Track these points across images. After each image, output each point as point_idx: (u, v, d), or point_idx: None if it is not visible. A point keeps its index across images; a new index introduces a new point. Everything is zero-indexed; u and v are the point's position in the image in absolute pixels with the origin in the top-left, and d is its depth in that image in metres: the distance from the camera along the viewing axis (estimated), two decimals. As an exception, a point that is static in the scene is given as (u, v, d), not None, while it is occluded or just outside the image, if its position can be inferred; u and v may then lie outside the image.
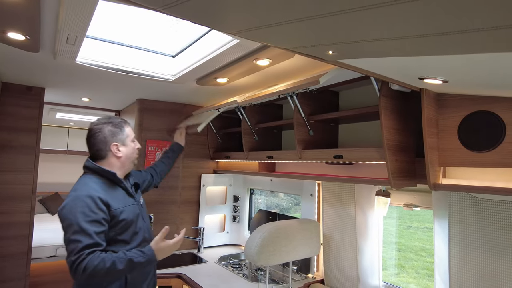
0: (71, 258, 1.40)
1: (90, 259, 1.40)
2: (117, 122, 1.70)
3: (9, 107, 2.57)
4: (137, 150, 1.76)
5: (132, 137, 1.74)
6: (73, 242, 1.41)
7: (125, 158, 1.69)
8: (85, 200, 1.49)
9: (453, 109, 1.48)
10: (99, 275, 1.40)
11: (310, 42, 0.85)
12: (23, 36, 1.48)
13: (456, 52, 0.77)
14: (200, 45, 1.78)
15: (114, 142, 1.65)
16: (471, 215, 1.55)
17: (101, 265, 1.40)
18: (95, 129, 1.65)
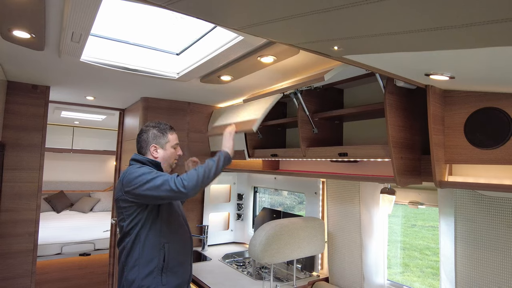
0: (168, 184, 1.60)
1: (182, 176, 1.63)
2: (163, 128, 1.91)
3: (15, 105, 2.59)
4: (176, 155, 1.94)
5: (174, 144, 1.92)
6: (156, 178, 1.63)
7: (161, 160, 1.88)
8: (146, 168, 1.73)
9: (459, 105, 1.46)
10: (195, 179, 1.61)
11: (315, 37, 0.84)
12: (28, 34, 1.49)
13: (464, 46, 0.76)
14: (204, 43, 1.78)
15: (153, 143, 1.87)
16: (478, 212, 1.53)
17: (191, 172, 1.64)
18: (143, 130, 1.90)
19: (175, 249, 1.81)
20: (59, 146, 5.76)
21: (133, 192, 1.67)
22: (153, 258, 1.74)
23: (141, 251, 1.73)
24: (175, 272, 1.80)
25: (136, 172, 1.69)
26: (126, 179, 1.72)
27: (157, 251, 1.75)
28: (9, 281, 2.51)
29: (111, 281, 3.60)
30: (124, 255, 1.77)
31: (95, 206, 6.40)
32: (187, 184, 1.60)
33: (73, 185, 6.61)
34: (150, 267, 1.72)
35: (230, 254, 2.90)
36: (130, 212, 1.73)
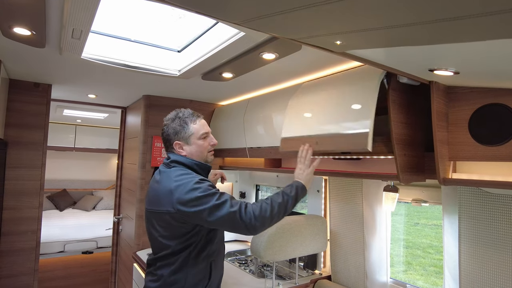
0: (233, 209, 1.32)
1: (250, 206, 1.35)
2: (182, 118, 1.58)
3: (17, 103, 2.59)
4: (209, 147, 1.61)
5: (200, 134, 1.57)
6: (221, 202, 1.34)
7: (192, 155, 1.57)
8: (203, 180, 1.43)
9: (463, 102, 1.45)
10: (269, 215, 1.34)
11: (317, 31, 0.83)
12: (29, 31, 1.49)
13: (468, 39, 0.74)
14: (206, 40, 1.77)
15: (176, 141, 1.56)
16: (482, 210, 1.52)
17: (263, 206, 1.34)
18: (163, 126, 1.61)
19: (219, 265, 1.63)
20: (62, 144, 5.77)
21: (190, 215, 1.36)
22: (200, 280, 1.52)
23: (188, 272, 1.49)
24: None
25: (193, 187, 1.37)
26: (180, 193, 1.38)
27: (203, 271, 1.52)
28: (12, 278, 2.52)
29: (113, 279, 3.61)
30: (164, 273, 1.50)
31: (98, 204, 6.41)
32: (258, 219, 1.30)
33: (76, 183, 6.63)
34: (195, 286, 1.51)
35: (233, 252, 2.89)
36: (184, 232, 1.45)
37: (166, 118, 1.63)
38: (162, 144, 2.90)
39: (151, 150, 2.90)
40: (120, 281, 3.44)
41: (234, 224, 1.33)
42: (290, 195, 1.42)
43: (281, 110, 2.21)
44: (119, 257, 3.53)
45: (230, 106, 3.05)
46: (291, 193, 1.43)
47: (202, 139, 1.59)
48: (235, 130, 2.76)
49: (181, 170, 1.49)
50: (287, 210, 1.41)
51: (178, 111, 1.62)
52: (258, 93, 2.60)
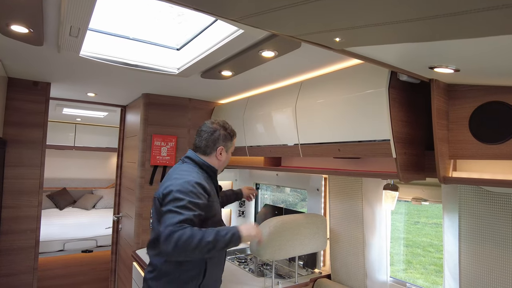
0: (169, 227, 1.41)
1: (184, 231, 1.41)
2: (231, 131, 1.83)
3: (16, 102, 2.58)
4: (228, 161, 1.86)
5: (233, 149, 1.87)
6: (175, 213, 1.45)
7: (222, 163, 1.81)
8: (195, 185, 1.57)
9: (464, 100, 1.44)
10: (189, 247, 1.39)
11: (315, 28, 0.82)
12: (26, 29, 1.48)
13: (470, 36, 0.73)
14: (205, 37, 1.76)
15: (222, 145, 1.77)
16: (482, 209, 1.51)
17: (194, 235, 1.41)
18: (213, 127, 1.77)
19: (216, 266, 1.71)
20: (62, 143, 5.77)
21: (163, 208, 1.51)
22: (194, 276, 1.60)
23: (180, 265, 1.59)
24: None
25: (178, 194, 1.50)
26: (169, 184, 1.55)
27: (198, 267, 1.61)
28: (11, 277, 2.52)
29: (113, 278, 3.61)
30: (158, 263, 1.63)
31: (98, 203, 6.41)
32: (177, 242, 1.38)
33: (76, 182, 6.63)
34: (188, 283, 1.59)
35: (232, 251, 2.88)
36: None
37: (216, 121, 1.80)
38: (161, 142, 2.90)
39: (150, 148, 2.89)
40: (119, 279, 3.44)
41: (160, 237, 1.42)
42: (223, 238, 1.48)
43: (281, 109, 2.20)
44: (119, 256, 3.52)
45: (229, 105, 3.04)
46: (225, 237, 1.49)
47: (231, 153, 1.87)
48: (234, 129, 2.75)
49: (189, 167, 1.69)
50: (209, 249, 1.44)
51: (225, 122, 1.84)
52: (258, 91, 2.59)
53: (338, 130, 1.78)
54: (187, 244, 1.39)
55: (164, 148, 2.93)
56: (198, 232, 1.43)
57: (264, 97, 2.48)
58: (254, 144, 2.56)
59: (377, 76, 1.56)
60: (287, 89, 2.22)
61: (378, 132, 1.57)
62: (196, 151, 1.78)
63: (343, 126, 1.75)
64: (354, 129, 1.69)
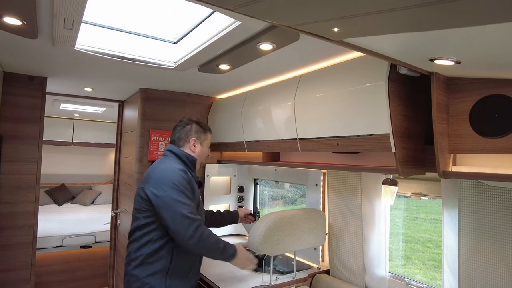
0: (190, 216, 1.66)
1: (205, 228, 1.71)
2: (203, 125, 2.00)
3: (11, 97, 2.55)
4: (206, 154, 2.01)
5: (209, 143, 2.02)
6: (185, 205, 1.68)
7: (197, 156, 1.94)
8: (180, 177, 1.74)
9: (464, 93, 1.42)
10: (207, 245, 1.70)
11: (313, 17, 0.80)
12: (19, 21, 1.45)
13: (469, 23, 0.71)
14: (202, 30, 1.73)
15: (194, 137, 1.93)
16: (482, 203, 1.49)
17: (212, 236, 1.72)
18: (185, 122, 1.96)
19: (184, 254, 1.79)
20: (60, 139, 5.74)
21: (156, 203, 1.68)
22: (161, 259, 1.73)
23: (151, 249, 1.72)
24: (181, 277, 1.78)
25: (172, 183, 1.69)
26: (156, 178, 1.73)
27: (165, 253, 1.73)
28: (9, 273, 2.50)
29: (112, 273, 3.60)
30: (133, 248, 1.77)
31: (96, 199, 6.40)
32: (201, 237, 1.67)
33: (74, 178, 6.61)
34: (156, 267, 1.71)
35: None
36: (149, 207, 1.73)
37: (189, 118, 1.98)
38: (159, 137, 2.89)
39: (148, 143, 2.87)
40: (118, 275, 3.44)
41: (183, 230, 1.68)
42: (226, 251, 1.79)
43: (279, 103, 2.18)
44: (117, 252, 3.52)
45: (227, 100, 3.02)
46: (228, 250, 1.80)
47: (208, 147, 2.02)
48: (233, 124, 2.74)
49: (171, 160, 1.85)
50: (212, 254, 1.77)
51: (199, 119, 2.01)
52: (256, 86, 2.57)
53: (337, 124, 1.76)
54: (207, 241, 1.69)
55: (162, 143, 2.92)
56: (214, 235, 1.73)
57: (262, 92, 2.45)
58: (253, 139, 2.54)
59: (376, 69, 1.54)
60: (286, 83, 2.20)
61: (377, 126, 1.55)
62: (172, 144, 1.95)
63: (342, 120, 1.73)
64: (353, 123, 1.68)
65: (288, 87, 2.13)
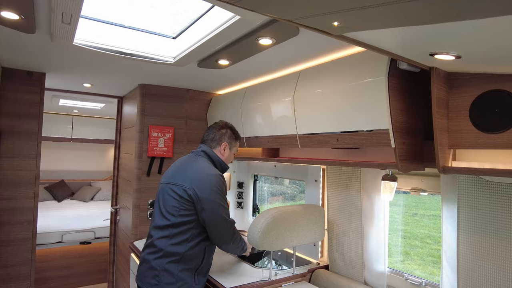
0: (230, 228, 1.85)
1: (237, 230, 1.93)
2: (236, 133, 2.06)
3: (10, 92, 2.54)
4: (231, 159, 2.06)
5: (236, 150, 2.07)
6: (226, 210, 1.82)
7: (224, 159, 1.96)
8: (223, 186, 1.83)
9: (464, 88, 1.41)
10: (238, 245, 1.95)
11: (314, 10, 0.79)
12: (17, 16, 1.44)
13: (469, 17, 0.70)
14: (201, 25, 1.72)
15: (226, 142, 1.98)
16: (482, 199, 1.49)
17: (240, 236, 1.96)
18: (221, 125, 2.02)
19: (211, 252, 1.90)
20: (59, 135, 5.73)
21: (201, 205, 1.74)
22: (196, 257, 1.80)
23: (187, 248, 1.77)
24: (205, 273, 1.88)
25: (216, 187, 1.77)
26: (200, 180, 1.77)
27: (199, 251, 1.80)
28: (9, 268, 2.51)
29: (112, 269, 3.61)
30: (166, 244, 1.78)
31: (96, 195, 6.40)
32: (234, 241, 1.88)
33: (74, 174, 6.61)
34: (190, 265, 1.78)
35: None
36: (189, 207, 1.76)
37: (225, 122, 2.06)
38: (158, 133, 2.88)
39: (147, 139, 2.86)
40: (118, 271, 3.45)
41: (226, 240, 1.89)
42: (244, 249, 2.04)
43: (279, 99, 2.17)
44: (117, 248, 3.52)
45: (227, 95, 3.01)
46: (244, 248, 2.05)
47: (234, 154, 2.08)
48: (232, 120, 2.72)
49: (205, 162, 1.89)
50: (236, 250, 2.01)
51: (234, 127, 2.09)
52: (256, 81, 2.56)
53: (337, 119, 1.76)
54: (239, 242, 1.94)
55: (161, 139, 2.91)
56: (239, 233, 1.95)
57: (262, 87, 2.45)
58: (252, 135, 2.54)
59: (376, 64, 1.53)
60: (285, 79, 2.19)
61: (377, 122, 1.55)
62: (204, 143, 1.99)
63: (341, 115, 1.73)
64: (353, 118, 1.67)
65: (287, 82, 2.12)
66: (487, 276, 1.46)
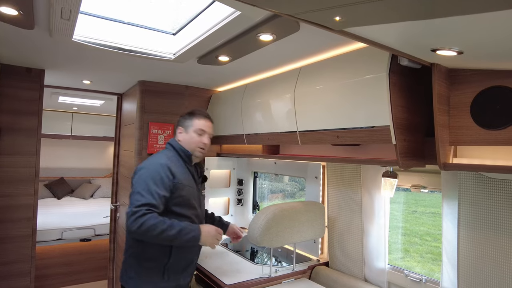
0: (131, 208, 1.59)
1: (149, 217, 1.58)
2: (193, 113, 1.92)
3: (9, 89, 2.53)
4: (201, 144, 1.87)
5: (197, 129, 1.87)
6: (138, 195, 1.63)
7: (183, 143, 1.87)
8: (157, 167, 1.73)
9: (466, 85, 1.41)
10: (151, 234, 1.57)
11: (315, 5, 0.78)
12: (15, 11, 1.42)
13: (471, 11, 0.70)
14: (201, 21, 1.71)
15: (179, 125, 1.92)
16: (482, 195, 1.49)
17: (158, 225, 1.58)
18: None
19: (182, 252, 1.79)
20: (58, 132, 5.72)
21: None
22: (157, 255, 1.73)
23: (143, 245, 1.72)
24: (179, 271, 1.81)
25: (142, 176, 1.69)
26: (136, 175, 1.74)
27: (159, 246, 1.72)
28: (9, 265, 2.51)
29: (111, 266, 3.61)
30: (127, 237, 1.80)
31: (96, 193, 6.40)
32: (140, 228, 1.55)
33: (73, 171, 6.61)
34: (153, 261, 1.73)
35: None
36: None
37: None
38: (158, 130, 2.88)
39: (147, 136, 2.86)
40: (118, 268, 3.45)
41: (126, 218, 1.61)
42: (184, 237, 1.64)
43: (279, 96, 2.17)
44: (117, 245, 3.52)
45: (227, 92, 3.00)
46: (188, 235, 1.66)
47: (197, 133, 1.87)
48: (232, 117, 2.72)
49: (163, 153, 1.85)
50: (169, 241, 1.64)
51: (198, 108, 1.98)
52: (256, 78, 2.55)
53: (337, 116, 1.75)
54: (149, 231, 1.56)
55: (161, 136, 2.90)
56: (162, 224, 1.58)
57: (262, 84, 2.44)
58: (252, 132, 2.53)
59: (377, 61, 1.52)
60: (286, 75, 2.18)
61: (377, 118, 1.54)
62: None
63: (342, 112, 1.72)
64: (354, 115, 1.67)
65: (288, 79, 2.12)
66: (487, 272, 1.46)
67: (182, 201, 1.78)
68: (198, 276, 2.23)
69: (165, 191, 1.69)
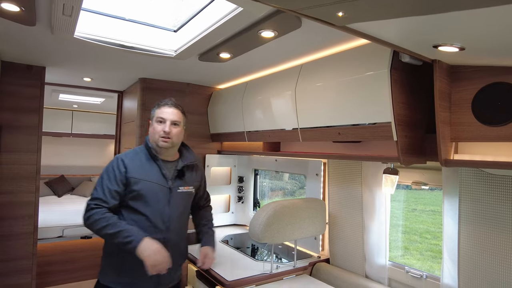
0: (87, 201, 1.66)
1: (95, 212, 1.60)
2: (158, 102, 1.82)
3: (10, 86, 2.53)
4: (161, 132, 1.71)
5: (156, 117, 1.76)
6: (94, 189, 1.69)
7: (150, 137, 1.80)
8: (113, 161, 1.74)
9: (467, 81, 1.41)
10: (95, 229, 1.60)
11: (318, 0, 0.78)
12: (17, 7, 1.42)
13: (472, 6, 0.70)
14: (202, 17, 1.71)
15: (149, 118, 1.84)
16: (483, 192, 1.50)
17: (100, 221, 1.58)
18: None
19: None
20: (59, 130, 5.72)
21: None
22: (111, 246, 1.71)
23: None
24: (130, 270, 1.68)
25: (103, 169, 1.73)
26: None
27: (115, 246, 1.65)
28: (10, 262, 2.52)
29: (112, 263, 3.62)
30: None
31: (96, 191, 6.39)
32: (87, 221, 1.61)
33: (74, 169, 6.60)
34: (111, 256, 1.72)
35: (231, 236, 2.89)
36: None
37: None
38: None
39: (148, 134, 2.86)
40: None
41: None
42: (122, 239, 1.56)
43: (280, 93, 2.17)
44: (118, 242, 3.53)
45: (228, 89, 3.00)
46: (126, 239, 1.56)
47: (157, 122, 1.75)
48: (233, 114, 2.73)
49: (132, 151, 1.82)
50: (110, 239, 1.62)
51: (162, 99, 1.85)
52: (257, 75, 2.55)
53: (339, 113, 1.76)
54: (92, 225, 1.60)
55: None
56: (104, 221, 1.58)
57: (263, 81, 2.44)
58: (253, 129, 2.54)
59: (378, 57, 1.53)
60: (287, 72, 2.18)
61: (379, 115, 1.55)
62: None
63: (343, 109, 1.73)
64: (355, 112, 1.67)
65: (289, 76, 2.12)
66: (488, 268, 1.47)
67: (137, 196, 1.69)
68: (199, 272, 2.24)
69: (117, 186, 1.66)
